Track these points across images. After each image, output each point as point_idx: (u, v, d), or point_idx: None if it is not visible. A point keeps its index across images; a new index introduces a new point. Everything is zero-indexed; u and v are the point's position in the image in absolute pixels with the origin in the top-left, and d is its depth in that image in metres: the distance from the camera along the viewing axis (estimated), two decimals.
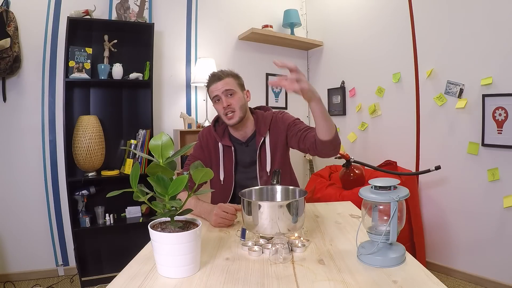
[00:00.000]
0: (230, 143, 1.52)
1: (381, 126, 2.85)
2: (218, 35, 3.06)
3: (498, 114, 2.08)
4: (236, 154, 1.53)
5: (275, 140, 1.52)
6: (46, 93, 2.41)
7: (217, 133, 1.55)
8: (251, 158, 1.53)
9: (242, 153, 1.54)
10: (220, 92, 1.44)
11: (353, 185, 2.35)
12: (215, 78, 1.46)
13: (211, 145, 1.55)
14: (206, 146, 1.56)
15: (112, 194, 0.80)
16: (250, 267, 0.85)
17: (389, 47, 2.74)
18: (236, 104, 1.44)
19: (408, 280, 0.76)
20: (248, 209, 1.00)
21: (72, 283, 2.36)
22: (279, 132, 1.52)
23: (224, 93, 1.44)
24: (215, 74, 1.48)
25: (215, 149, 1.55)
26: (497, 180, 2.12)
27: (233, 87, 1.46)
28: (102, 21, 2.42)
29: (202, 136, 1.59)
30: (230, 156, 1.52)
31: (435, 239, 2.49)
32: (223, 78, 1.45)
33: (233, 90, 1.45)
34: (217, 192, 1.55)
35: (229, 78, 1.47)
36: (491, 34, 2.11)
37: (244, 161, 1.53)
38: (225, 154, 1.53)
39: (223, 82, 1.45)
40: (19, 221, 2.36)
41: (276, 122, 1.53)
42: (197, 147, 1.58)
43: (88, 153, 2.25)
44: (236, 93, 1.46)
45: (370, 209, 0.88)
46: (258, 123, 1.54)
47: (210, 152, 1.55)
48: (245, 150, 1.54)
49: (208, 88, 1.51)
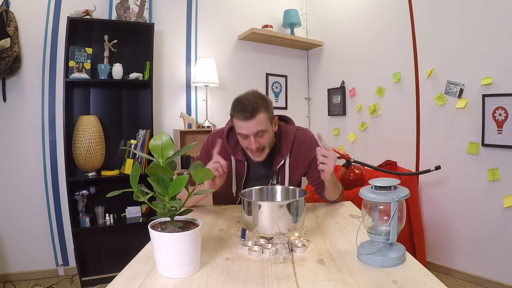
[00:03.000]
0: (244, 158, 1.41)
1: (381, 126, 2.85)
2: (218, 35, 3.06)
3: (498, 114, 2.08)
4: (249, 169, 1.44)
5: (296, 162, 1.43)
6: (46, 93, 2.41)
7: (230, 145, 1.43)
8: (265, 173, 1.44)
9: (255, 168, 1.44)
10: (250, 133, 1.27)
11: (353, 185, 2.35)
12: (247, 116, 1.24)
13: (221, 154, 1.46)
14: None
15: (112, 194, 0.79)
16: (250, 267, 0.85)
17: (389, 47, 2.74)
18: (265, 143, 1.31)
19: (408, 280, 0.76)
20: (248, 209, 1.00)
21: (72, 283, 2.36)
22: (302, 156, 1.43)
23: (254, 134, 1.27)
24: (247, 108, 1.24)
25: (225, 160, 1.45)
26: (497, 180, 2.12)
27: (265, 126, 1.27)
28: (102, 21, 2.42)
29: (212, 142, 1.45)
30: (242, 169, 1.43)
31: (435, 239, 2.49)
32: (256, 115, 1.24)
33: (265, 130, 1.28)
34: (222, 200, 1.53)
35: (262, 115, 1.26)
36: (491, 34, 2.11)
37: (257, 174, 1.44)
38: (237, 167, 1.44)
39: (255, 121, 1.25)
40: (19, 221, 2.36)
41: (301, 145, 1.44)
42: (204, 152, 1.48)
43: (88, 153, 2.25)
44: (267, 132, 1.29)
45: (370, 209, 0.88)
46: (281, 141, 1.42)
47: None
48: (258, 165, 1.43)
49: (232, 118, 1.31)
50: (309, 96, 3.59)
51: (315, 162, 1.42)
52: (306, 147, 1.44)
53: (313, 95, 3.55)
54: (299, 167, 1.45)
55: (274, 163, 1.42)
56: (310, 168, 1.46)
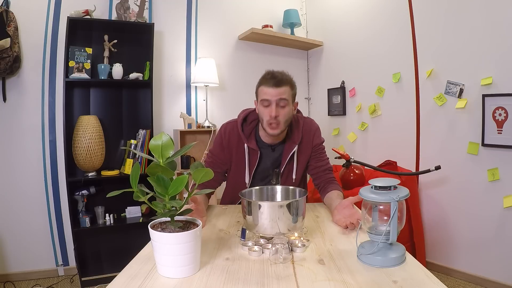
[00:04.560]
0: (257, 147, 1.45)
1: (381, 126, 2.85)
2: (218, 35, 3.06)
3: (498, 114, 2.08)
4: (261, 159, 1.47)
5: (303, 149, 1.49)
6: (46, 93, 2.41)
7: (244, 134, 1.46)
8: (275, 162, 1.48)
9: (266, 157, 1.48)
10: (273, 99, 1.33)
11: (353, 185, 2.35)
12: (274, 82, 1.33)
13: (233, 144, 1.47)
14: (228, 145, 1.47)
15: (112, 194, 0.80)
16: (250, 267, 0.85)
17: (389, 47, 2.74)
18: (283, 117, 1.35)
19: (408, 280, 0.76)
20: (248, 209, 1.00)
21: (72, 283, 2.36)
22: (307, 142, 1.49)
23: (277, 101, 1.33)
24: (276, 77, 1.34)
25: (237, 150, 1.47)
26: (497, 180, 2.12)
27: (288, 98, 1.35)
28: (102, 21, 2.42)
29: (225, 132, 1.49)
30: (254, 159, 1.46)
31: (435, 239, 2.49)
32: (282, 86, 1.33)
33: (287, 101, 1.35)
34: (230, 195, 1.55)
35: (287, 87, 1.35)
36: (491, 34, 2.11)
37: (267, 164, 1.48)
38: (250, 156, 1.47)
39: (281, 90, 1.33)
40: (19, 221, 2.36)
41: (308, 132, 1.50)
42: (217, 144, 1.50)
43: (88, 153, 2.25)
44: (288, 105, 1.36)
45: (370, 209, 0.89)
46: (292, 127, 1.48)
47: (231, 152, 1.48)
48: (269, 155, 1.48)
49: (259, 86, 1.39)
50: (309, 96, 3.59)
51: (316, 151, 1.51)
52: (311, 134, 1.51)
53: (313, 95, 3.55)
54: (304, 154, 1.50)
55: (284, 149, 1.47)
56: (311, 157, 1.52)
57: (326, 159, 1.54)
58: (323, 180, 1.49)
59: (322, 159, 1.52)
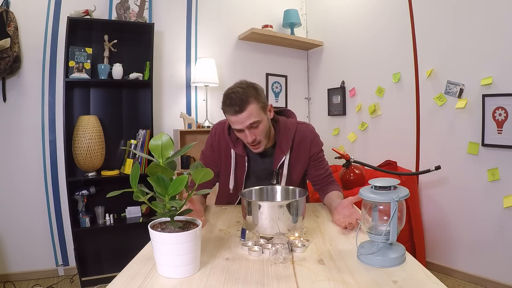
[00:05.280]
0: (244, 153, 1.38)
1: (381, 126, 2.85)
2: (218, 35, 3.06)
3: (498, 114, 2.08)
4: (250, 164, 1.41)
5: (297, 158, 1.40)
6: (46, 93, 2.41)
7: (231, 139, 1.39)
8: (265, 169, 1.41)
9: (255, 163, 1.42)
10: (242, 126, 1.23)
11: (353, 185, 2.35)
12: (235, 110, 1.21)
13: (222, 147, 1.42)
14: (217, 147, 1.43)
15: (112, 194, 0.79)
16: (250, 267, 0.85)
17: (389, 47, 2.74)
18: (260, 135, 1.27)
19: (408, 280, 0.76)
20: (248, 209, 1.00)
21: (72, 283, 2.36)
22: (303, 151, 1.41)
23: (247, 127, 1.23)
24: (235, 102, 1.20)
25: (226, 154, 1.42)
26: (497, 180, 2.12)
27: (257, 117, 1.23)
28: (102, 21, 2.42)
29: (215, 134, 1.43)
30: (243, 164, 1.40)
31: (435, 239, 2.49)
32: (245, 109, 1.20)
33: (258, 121, 1.24)
34: (224, 198, 1.52)
35: (252, 106, 1.21)
36: (491, 34, 2.11)
37: (257, 170, 1.42)
38: (238, 162, 1.41)
39: (246, 113, 1.21)
40: (19, 221, 2.36)
41: (303, 139, 1.40)
42: (208, 145, 1.46)
43: (88, 153, 2.25)
44: (261, 122, 1.25)
45: (370, 209, 0.88)
46: (280, 136, 1.37)
47: (220, 154, 1.43)
48: (259, 161, 1.41)
49: (225, 114, 1.27)
50: (309, 96, 3.59)
51: (315, 160, 1.44)
52: (307, 142, 1.41)
53: (313, 95, 3.55)
54: (300, 163, 1.42)
55: (274, 159, 1.39)
56: (309, 166, 1.45)
57: (326, 165, 1.48)
58: (323, 184, 1.47)
59: (321, 167, 1.46)
